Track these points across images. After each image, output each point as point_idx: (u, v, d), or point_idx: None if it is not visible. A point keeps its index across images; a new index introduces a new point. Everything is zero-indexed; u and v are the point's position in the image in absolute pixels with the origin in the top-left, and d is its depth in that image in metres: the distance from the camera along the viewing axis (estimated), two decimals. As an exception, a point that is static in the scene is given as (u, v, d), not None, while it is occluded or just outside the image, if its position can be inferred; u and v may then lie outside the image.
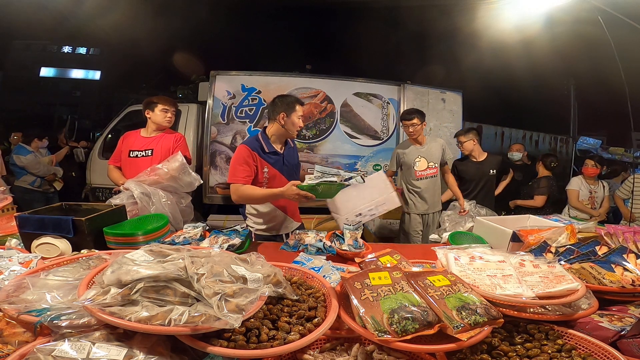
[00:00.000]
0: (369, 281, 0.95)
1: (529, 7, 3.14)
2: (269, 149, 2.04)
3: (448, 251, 1.20)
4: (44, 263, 1.18)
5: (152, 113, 2.40)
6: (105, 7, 4.52)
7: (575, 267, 1.25)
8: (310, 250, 1.62)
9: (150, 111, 2.40)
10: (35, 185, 4.24)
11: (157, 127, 2.44)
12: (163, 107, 2.40)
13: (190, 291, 0.80)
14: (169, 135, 2.47)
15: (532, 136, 6.56)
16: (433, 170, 2.90)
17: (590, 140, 7.49)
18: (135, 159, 2.36)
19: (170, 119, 2.47)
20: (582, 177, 3.84)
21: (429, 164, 2.89)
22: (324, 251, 1.62)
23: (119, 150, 2.42)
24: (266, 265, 1.00)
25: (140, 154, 2.38)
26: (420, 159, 2.88)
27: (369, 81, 4.33)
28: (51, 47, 10.66)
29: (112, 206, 1.66)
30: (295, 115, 2.01)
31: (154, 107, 2.39)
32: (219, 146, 4.10)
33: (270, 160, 2.05)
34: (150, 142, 2.41)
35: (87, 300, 0.75)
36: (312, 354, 0.85)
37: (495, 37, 3.85)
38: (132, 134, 2.45)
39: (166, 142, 2.42)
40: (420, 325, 0.80)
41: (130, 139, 2.42)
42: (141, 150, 2.39)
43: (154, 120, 2.41)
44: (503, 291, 0.98)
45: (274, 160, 2.06)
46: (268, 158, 2.04)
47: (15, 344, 0.79)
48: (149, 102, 2.41)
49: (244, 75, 4.14)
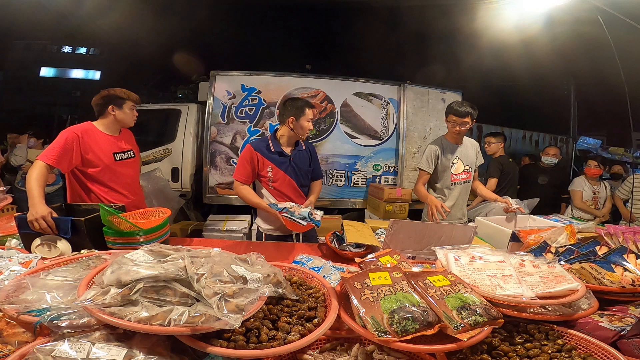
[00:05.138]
0: (369, 281, 0.95)
1: (529, 7, 3.13)
2: (275, 149, 2.07)
3: (448, 251, 1.20)
4: (43, 263, 1.18)
5: (119, 110, 2.01)
6: (105, 7, 4.52)
7: (575, 267, 1.25)
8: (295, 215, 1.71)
9: (117, 108, 2.00)
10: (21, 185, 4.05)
11: (122, 126, 2.09)
12: (133, 104, 2.05)
13: (190, 291, 0.80)
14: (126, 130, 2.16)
15: (532, 136, 6.56)
16: (467, 175, 2.46)
17: (590, 140, 7.49)
18: (120, 162, 2.04)
19: (136, 117, 2.10)
20: (584, 177, 3.84)
21: (465, 168, 2.46)
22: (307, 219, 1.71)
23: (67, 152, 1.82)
24: (266, 265, 1.00)
25: (122, 155, 2.06)
26: (458, 160, 2.44)
27: (369, 81, 4.32)
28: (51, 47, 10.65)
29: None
30: (305, 119, 2.03)
31: (122, 104, 2.01)
32: (219, 146, 4.10)
33: (275, 160, 2.07)
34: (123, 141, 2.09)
35: (87, 301, 0.75)
36: (312, 354, 0.85)
37: (495, 37, 3.84)
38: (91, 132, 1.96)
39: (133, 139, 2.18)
40: (420, 325, 0.80)
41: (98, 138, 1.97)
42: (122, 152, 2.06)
43: (121, 119, 2.03)
44: (503, 291, 0.98)
45: (279, 161, 2.08)
46: (273, 158, 2.07)
47: (15, 344, 0.79)
48: (114, 97, 2.00)
49: (244, 75, 4.14)
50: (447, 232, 1.55)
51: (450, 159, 2.41)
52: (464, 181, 2.46)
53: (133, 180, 2.16)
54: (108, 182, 1.98)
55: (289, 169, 2.10)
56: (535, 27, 3.57)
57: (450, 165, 2.41)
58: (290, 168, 2.10)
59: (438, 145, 2.42)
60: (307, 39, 6.10)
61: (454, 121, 2.32)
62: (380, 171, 4.34)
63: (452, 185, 2.44)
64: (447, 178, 2.42)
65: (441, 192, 2.46)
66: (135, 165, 2.18)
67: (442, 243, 1.50)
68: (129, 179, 2.10)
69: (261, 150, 2.06)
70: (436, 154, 2.40)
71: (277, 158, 2.07)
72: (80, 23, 5.50)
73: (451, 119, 2.34)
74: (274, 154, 2.07)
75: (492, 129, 5.92)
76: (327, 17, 5.56)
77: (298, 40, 5.97)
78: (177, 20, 5.21)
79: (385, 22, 5.21)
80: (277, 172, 2.07)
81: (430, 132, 4.37)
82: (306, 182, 2.22)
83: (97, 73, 10.82)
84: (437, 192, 2.47)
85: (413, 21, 5.01)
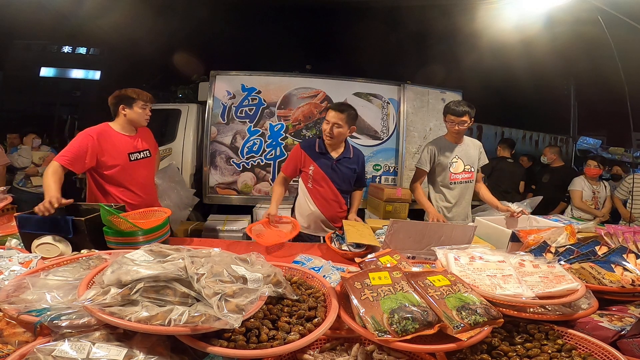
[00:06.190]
0: (369, 281, 0.95)
1: (529, 7, 3.13)
2: (320, 150, 2.16)
3: (448, 251, 1.20)
4: (44, 263, 1.18)
5: (129, 110, 2.02)
6: (105, 7, 4.51)
7: (575, 267, 1.25)
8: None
9: (127, 107, 2.02)
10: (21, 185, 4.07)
11: (135, 125, 2.10)
12: (143, 103, 2.05)
13: (190, 291, 0.80)
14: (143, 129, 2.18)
15: (532, 136, 6.56)
16: (469, 175, 2.43)
17: (590, 140, 7.48)
18: (135, 162, 2.07)
19: (149, 116, 2.11)
20: (584, 177, 3.84)
21: (466, 167, 2.43)
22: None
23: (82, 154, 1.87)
24: (266, 265, 1.00)
25: (138, 155, 2.09)
26: (458, 159, 2.41)
27: (369, 81, 4.32)
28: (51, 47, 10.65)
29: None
30: (325, 122, 2.12)
31: (132, 103, 2.03)
32: (219, 146, 4.10)
33: (318, 160, 2.16)
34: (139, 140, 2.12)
35: (87, 300, 0.75)
36: (312, 354, 0.85)
37: (495, 37, 3.84)
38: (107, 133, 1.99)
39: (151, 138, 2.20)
40: (420, 325, 0.80)
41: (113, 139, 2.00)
42: (137, 152, 2.08)
43: (131, 118, 2.04)
44: (503, 291, 0.98)
45: (322, 162, 2.16)
46: (316, 158, 2.16)
47: (15, 344, 0.79)
48: (125, 97, 2.03)
49: (244, 75, 4.14)
50: (447, 232, 1.55)
51: (449, 158, 2.39)
52: (465, 181, 2.43)
53: (147, 180, 2.19)
54: (123, 182, 2.01)
55: (331, 172, 2.16)
56: (535, 27, 3.57)
57: (449, 164, 2.39)
58: (332, 171, 2.16)
59: (435, 144, 2.42)
60: (307, 39, 6.09)
61: (452, 121, 2.31)
62: (380, 171, 4.34)
63: (452, 185, 2.42)
64: (446, 177, 2.40)
65: (440, 190, 2.44)
66: (150, 164, 2.21)
67: (442, 243, 1.50)
68: (143, 179, 2.12)
69: (307, 150, 2.18)
70: (432, 152, 2.40)
71: (321, 158, 2.16)
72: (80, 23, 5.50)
73: (449, 119, 2.33)
74: (317, 154, 2.16)
75: (491, 129, 5.94)
76: (327, 17, 5.55)
77: (298, 40, 5.96)
78: (177, 20, 5.21)
79: (385, 22, 5.21)
80: (318, 171, 2.15)
81: (430, 132, 4.37)
82: (347, 187, 2.26)
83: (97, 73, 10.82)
84: (437, 190, 2.46)
85: (413, 21, 5.02)
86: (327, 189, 2.17)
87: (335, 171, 2.16)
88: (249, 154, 4.12)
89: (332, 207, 2.20)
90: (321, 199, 2.18)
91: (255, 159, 4.13)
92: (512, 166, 4.54)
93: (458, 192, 2.43)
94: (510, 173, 4.47)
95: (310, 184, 2.18)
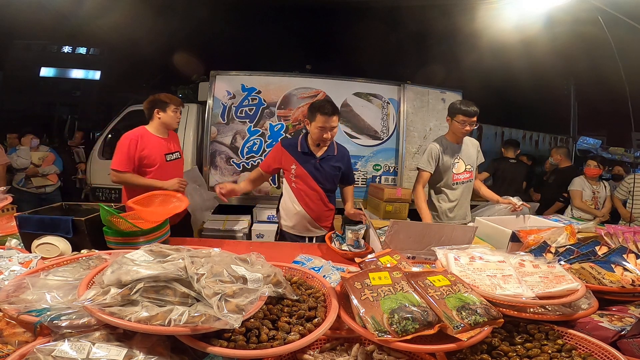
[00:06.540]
0: (369, 281, 0.95)
1: (529, 7, 3.13)
2: (302, 149, 2.12)
3: (448, 251, 1.20)
4: (44, 263, 1.18)
5: (163, 114, 2.22)
6: (105, 7, 4.52)
7: (575, 267, 1.25)
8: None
9: (162, 111, 2.21)
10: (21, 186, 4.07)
11: (167, 128, 2.29)
12: (175, 107, 2.24)
13: (190, 291, 0.80)
14: (172, 132, 2.39)
15: (532, 136, 6.56)
16: (469, 175, 2.45)
17: (590, 140, 7.49)
18: (170, 162, 2.25)
19: (179, 119, 2.32)
20: (584, 177, 3.84)
21: (466, 167, 2.44)
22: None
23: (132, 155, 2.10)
24: (266, 265, 1.00)
25: (171, 156, 2.28)
26: (459, 160, 2.41)
27: (369, 81, 4.32)
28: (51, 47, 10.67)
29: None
30: (315, 125, 2.03)
31: (165, 108, 2.21)
32: (219, 146, 4.10)
33: (300, 159, 2.12)
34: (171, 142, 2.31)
35: (87, 301, 0.75)
36: (312, 354, 0.85)
37: (495, 37, 3.85)
38: (146, 136, 2.19)
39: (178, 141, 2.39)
40: (420, 325, 0.80)
41: (152, 141, 2.19)
42: (170, 153, 2.28)
43: (165, 121, 2.24)
44: (503, 291, 0.98)
45: (304, 160, 2.12)
46: (298, 157, 2.12)
47: (15, 344, 0.79)
48: (159, 101, 2.22)
49: (244, 75, 4.14)
50: (447, 232, 1.55)
51: (451, 159, 2.38)
52: (466, 181, 2.44)
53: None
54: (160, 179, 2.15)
55: (314, 170, 2.12)
56: (535, 27, 3.57)
57: (451, 165, 2.38)
58: (314, 169, 2.12)
59: (439, 144, 2.38)
60: (307, 39, 6.10)
61: (463, 121, 2.26)
62: (380, 171, 4.34)
63: (455, 185, 2.41)
64: (449, 178, 2.39)
65: (443, 192, 2.43)
66: (180, 165, 2.35)
67: (442, 243, 1.49)
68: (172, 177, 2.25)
69: (288, 148, 2.14)
70: (437, 153, 2.35)
71: (303, 157, 2.12)
72: (80, 23, 5.51)
73: (459, 119, 2.27)
74: (299, 153, 2.13)
75: (491, 129, 5.94)
76: (327, 17, 5.56)
77: (298, 40, 5.97)
78: (177, 20, 5.22)
79: (385, 22, 5.21)
80: (300, 170, 2.12)
81: (430, 132, 4.37)
82: (331, 186, 2.21)
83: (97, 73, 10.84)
84: (439, 192, 2.44)
85: (413, 21, 5.02)
86: (311, 189, 2.14)
87: (318, 170, 2.12)
88: (249, 154, 4.13)
89: (317, 207, 2.16)
90: (305, 198, 2.14)
91: (255, 159, 4.13)
92: (516, 166, 4.53)
93: (459, 192, 2.43)
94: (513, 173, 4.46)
95: (294, 184, 2.14)
